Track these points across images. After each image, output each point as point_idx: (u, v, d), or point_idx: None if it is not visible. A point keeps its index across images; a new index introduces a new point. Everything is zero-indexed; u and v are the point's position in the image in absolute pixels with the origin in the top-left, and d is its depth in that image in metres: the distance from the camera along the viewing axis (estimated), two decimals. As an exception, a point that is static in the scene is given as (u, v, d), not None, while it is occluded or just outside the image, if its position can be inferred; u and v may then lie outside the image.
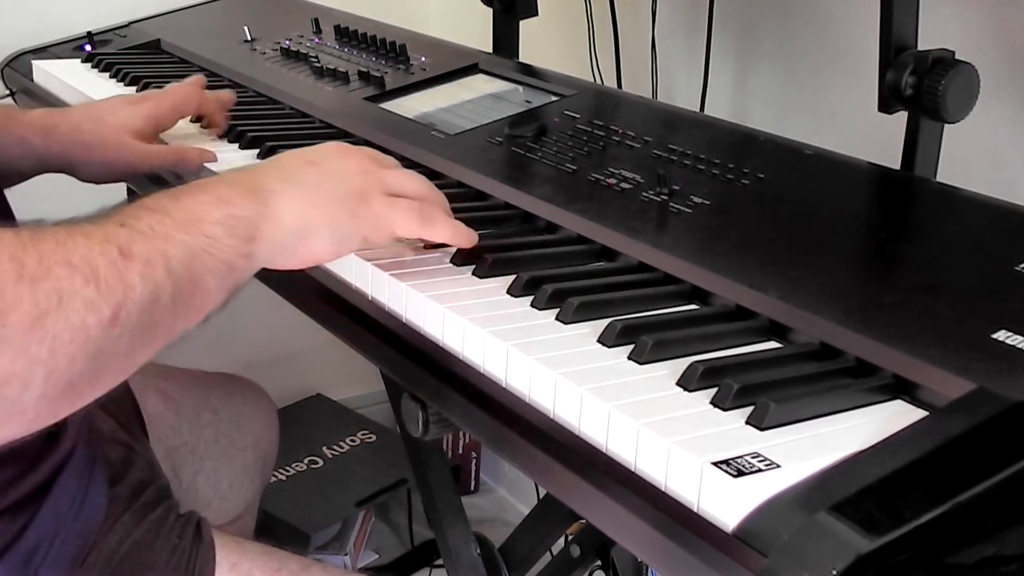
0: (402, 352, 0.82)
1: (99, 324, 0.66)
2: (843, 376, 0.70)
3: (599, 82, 1.63)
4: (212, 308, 0.75)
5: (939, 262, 0.80)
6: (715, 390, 0.66)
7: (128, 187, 1.31)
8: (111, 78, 1.48)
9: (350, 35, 1.51)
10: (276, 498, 1.82)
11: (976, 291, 0.75)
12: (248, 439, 1.30)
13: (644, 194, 0.95)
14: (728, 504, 0.57)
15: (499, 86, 1.28)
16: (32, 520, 0.88)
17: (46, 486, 0.90)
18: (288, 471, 1.97)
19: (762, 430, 0.63)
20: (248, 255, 0.76)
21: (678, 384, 0.68)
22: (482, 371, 0.75)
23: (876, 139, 1.05)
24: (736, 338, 0.75)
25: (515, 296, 0.81)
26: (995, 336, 0.68)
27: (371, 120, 1.23)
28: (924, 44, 0.99)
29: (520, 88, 1.26)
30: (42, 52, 1.64)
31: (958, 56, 0.97)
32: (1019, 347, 0.67)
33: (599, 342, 0.74)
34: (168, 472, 1.11)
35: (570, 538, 1.42)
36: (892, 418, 0.64)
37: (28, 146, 1.11)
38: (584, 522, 1.38)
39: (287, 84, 1.38)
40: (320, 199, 0.80)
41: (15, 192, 1.01)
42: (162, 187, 1.16)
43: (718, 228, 0.89)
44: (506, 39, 1.48)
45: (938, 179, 0.99)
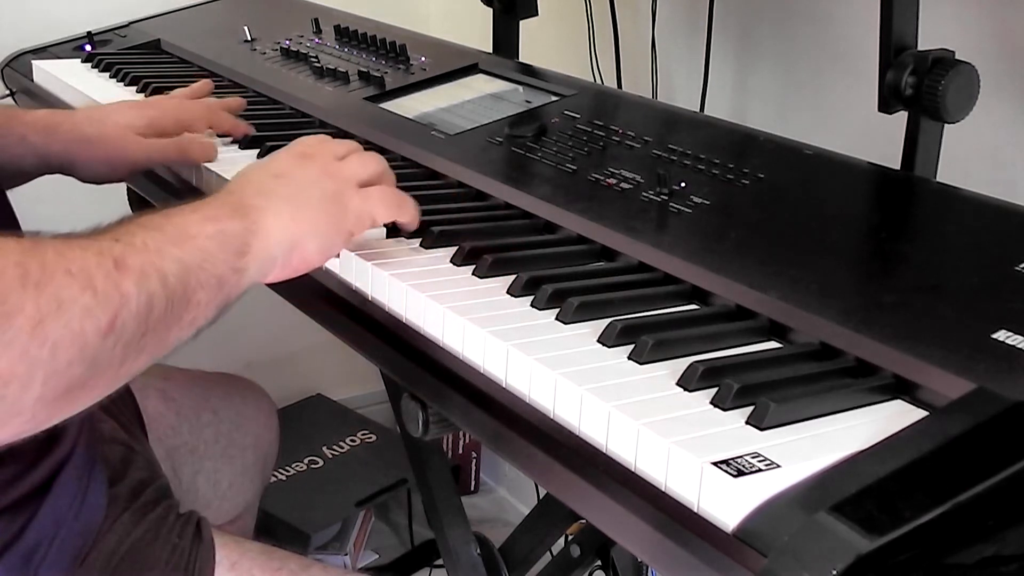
0: (402, 352, 0.82)
1: (96, 331, 0.67)
2: (843, 376, 0.70)
3: (599, 82, 1.63)
4: (202, 323, 0.77)
5: (939, 262, 0.80)
6: (715, 390, 0.66)
7: (128, 187, 1.31)
8: (111, 78, 1.48)
9: (350, 35, 1.51)
10: (276, 498, 1.82)
11: (976, 291, 0.75)
12: (248, 439, 1.30)
13: (644, 194, 0.95)
14: (728, 504, 0.57)
15: (499, 86, 1.28)
16: (32, 519, 0.88)
17: (46, 485, 0.90)
18: (288, 471, 1.97)
19: (762, 430, 0.63)
20: (239, 270, 0.78)
21: (678, 384, 0.68)
22: (482, 371, 0.75)
23: (876, 139, 1.05)
24: (736, 338, 0.75)
25: (515, 296, 0.81)
26: (995, 336, 0.68)
27: (371, 120, 1.23)
28: (924, 44, 0.99)
29: (520, 88, 1.26)
30: (42, 52, 1.64)
31: (958, 56, 0.97)
32: (1019, 347, 0.67)
33: (599, 342, 0.74)
34: (168, 472, 1.11)
35: (570, 538, 1.42)
36: (892, 418, 0.64)
37: (29, 145, 1.11)
38: (584, 522, 1.38)
39: (287, 84, 1.38)
40: (301, 210, 0.83)
41: (15, 194, 1.01)
42: (162, 188, 1.17)
43: (718, 228, 0.89)
44: (506, 39, 1.48)
45: (938, 179, 0.99)
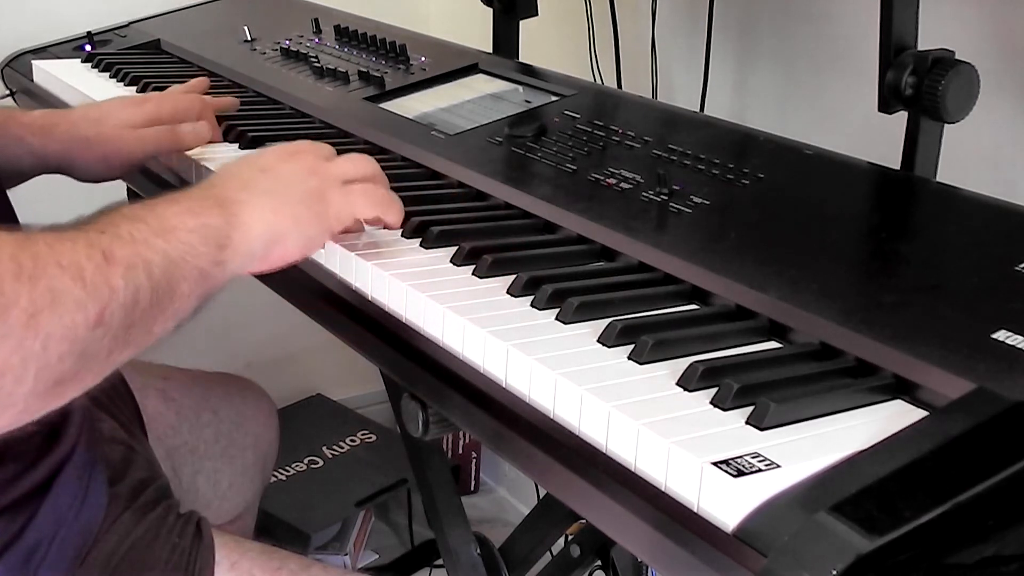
0: (402, 352, 0.82)
1: (86, 323, 0.68)
2: (843, 376, 0.70)
3: (599, 82, 1.63)
4: (184, 315, 0.78)
5: (939, 262, 0.80)
6: (715, 390, 0.66)
7: (128, 188, 1.31)
8: (111, 78, 1.48)
9: (350, 35, 1.51)
10: (276, 498, 1.82)
11: (976, 291, 0.75)
12: (248, 439, 1.30)
13: (644, 194, 0.95)
14: (728, 504, 0.57)
15: (499, 86, 1.28)
16: (32, 519, 0.88)
17: (46, 485, 0.90)
18: (288, 471, 1.97)
19: (762, 430, 0.63)
20: (220, 263, 0.79)
21: (678, 384, 0.68)
22: (482, 371, 0.75)
23: (876, 139, 1.05)
24: (736, 338, 0.75)
25: (515, 296, 0.81)
26: (995, 336, 0.68)
27: (371, 120, 1.23)
28: (924, 44, 0.99)
29: (520, 88, 1.26)
30: (42, 52, 1.64)
31: (958, 56, 0.97)
32: (1019, 347, 0.67)
33: (599, 342, 0.74)
34: (168, 472, 1.11)
35: (570, 538, 1.42)
36: (892, 418, 0.64)
37: (26, 146, 1.11)
38: (584, 522, 1.38)
39: (287, 84, 1.38)
40: (283, 205, 0.84)
41: (13, 193, 1.01)
42: (161, 186, 1.17)
43: (718, 228, 0.89)
44: (506, 39, 1.48)
45: (938, 179, 0.99)
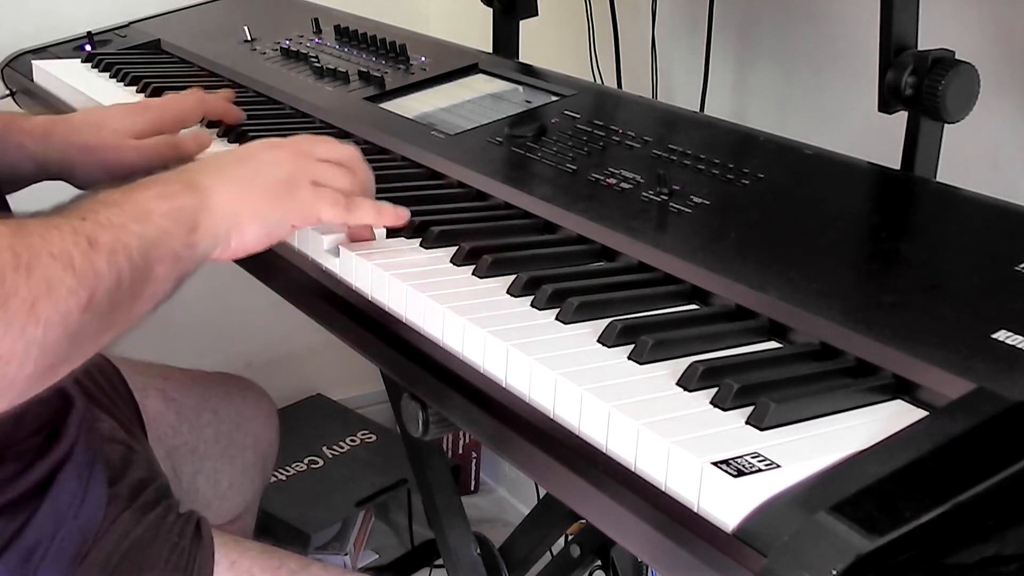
0: (402, 352, 0.82)
1: (78, 308, 0.71)
2: (843, 376, 0.70)
3: (599, 82, 1.63)
4: (161, 296, 0.80)
5: (939, 262, 0.80)
6: (715, 390, 0.66)
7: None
8: (111, 78, 1.48)
9: (350, 35, 1.51)
10: (276, 498, 1.82)
11: (976, 291, 0.75)
12: (248, 439, 1.30)
13: (644, 194, 0.95)
14: (728, 504, 0.57)
15: (499, 86, 1.28)
16: (31, 518, 0.88)
17: (45, 484, 0.90)
18: (288, 471, 1.97)
19: (762, 430, 0.63)
20: (191, 245, 0.82)
21: (678, 384, 0.68)
22: (482, 371, 0.75)
23: (876, 139, 1.05)
24: (736, 338, 0.75)
25: (515, 296, 0.81)
26: (995, 336, 0.68)
27: (371, 120, 1.23)
28: (924, 44, 0.99)
29: (520, 88, 1.26)
30: (42, 52, 1.64)
31: (958, 56, 0.97)
32: (1019, 347, 0.67)
33: (599, 342, 0.74)
34: (168, 472, 1.11)
35: (570, 538, 1.42)
36: (892, 418, 0.64)
37: (26, 151, 1.11)
38: (584, 522, 1.38)
39: (287, 84, 1.38)
40: (247, 191, 0.86)
41: (14, 199, 1.01)
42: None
43: (718, 228, 0.89)
44: (506, 39, 1.48)
45: (938, 179, 0.99)
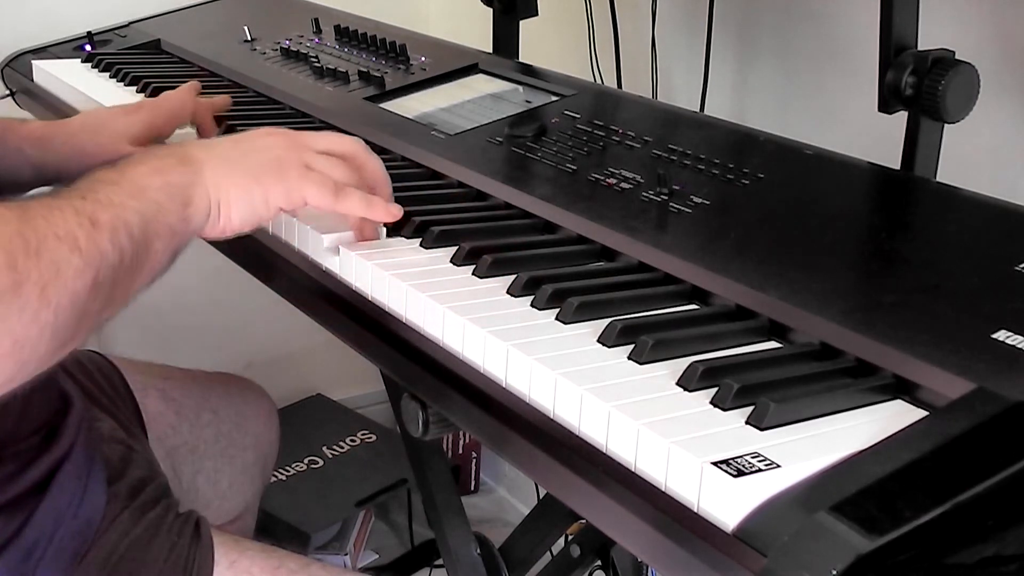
0: (402, 352, 0.82)
1: (85, 288, 0.72)
2: (843, 376, 0.70)
3: (599, 82, 1.63)
4: (158, 270, 0.82)
5: (939, 262, 0.80)
6: (715, 390, 0.66)
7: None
8: (111, 78, 1.48)
9: (350, 35, 1.51)
10: (276, 498, 1.82)
11: (976, 291, 0.75)
12: (248, 439, 1.30)
13: (644, 194, 0.95)
14: (728, 504, 0.57)
15: (499, 86, 1.28)
16: (31, 517, 0.88)
17: (45, 483, 0.90)
18: (288, 471, 1.97)
19: (762, 430, 0.63)
20: (186, 219, 0.83)
21: (678, 384, 0.68)
22: (482, 371, 0.75)
23: (876, 139, 1.05)
24: (736, 338, 0.75)
25: (515, 296, 0.81)
26: (995, 336, 0.68)
27: (371, 120, 1.23)
28: (924, 44, 0.99)
29: (520, 88, 1.26)
30: (42, 52, 1.64)
31: (958, 56, 0.97)
32: (1019, 347, 0.67)
33: (599, 342, 0.74)
34: (168, 471, 1.11)
35: (570, 538, 1.42)
36: (892, 418, 0.64)
37: (24, 157, 1.11)
38: (584, 522, 1.38)
39: (287, 84, 1.38)
40: (235, 171, 0.87)
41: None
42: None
43: (718, 228, 0.89)
44: (506, 39, 1.48)
45: (938, 179, 0.99)
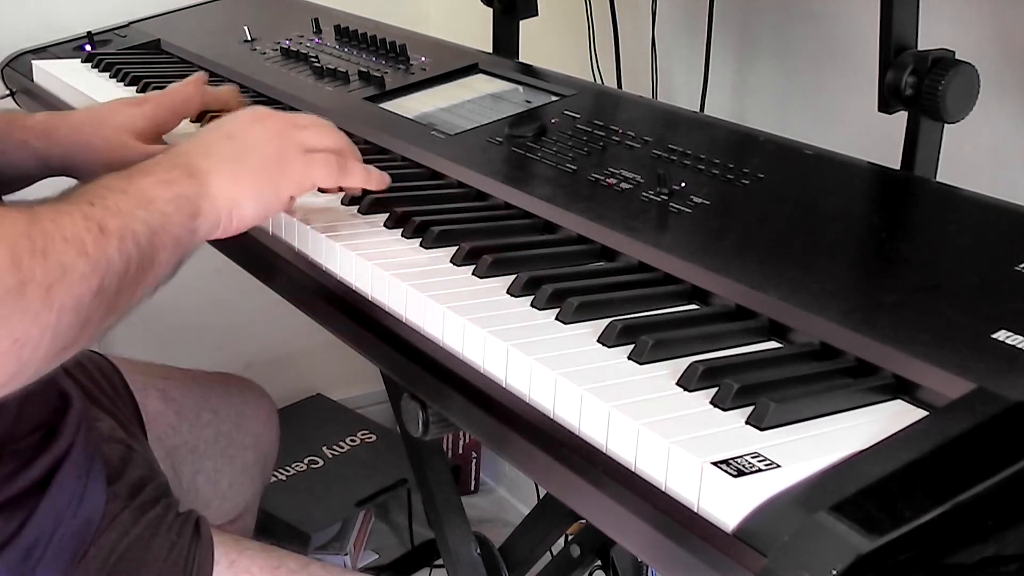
0: (402, 352, 0.82)
1: (89, 293, 0.73)
2: (843, 376, 0.70)
3: (599, 82, 1.63)
4: (161, 280, 0.82)
5: (939, 262, 0.80)
6: (715, 390, 0.66)
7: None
8: (111, 78, 1.48)
9: (350, 35, 1.51)
10: (276, 498, 1.82)
11: (976, 291, 0.75)
12: (248, 439, 1.30)
13: (644, 194, 0.95)
14: (728, 504, 0.57)
15: (499, 86, 1.28)
16: (30, 517, 0.88)
17: (44, 483, 0.90)
18: (288, 471, 1.97)
19: (762, 430, 0.63)
20: (192, 231, 0.84)
21: (678, 384, 0.68)
22: (482, 371, 0.75)
23: (876, 139, 1.05)
24: (736, 338, 0.75)
25: (515, 296, 0.81)
26: (995, 336, 0.68)
27: (371, 120, 1.23)
28: (924, 44, 0.99)
29: (520, 88, 1.26)
30: (42, 52, 1.64)
31: (958, 56, 0.97)
32: (1019, 347, 0.67)
33: (599, 342, 0.74)
34: (168, 471, 1.11)
35: (570, 538, 1.42)
36: (892, 418, 0.64)
37: (29, 149, 1.12)
38: (584, 522, 1.38)
39: (287, 84, 1.38)
40: (242, 171, 0.88)
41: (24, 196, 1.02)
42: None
43: (718, 228, 0.89)
44: (506, 39, 1.48)
45: (938, 179, 0.99)
